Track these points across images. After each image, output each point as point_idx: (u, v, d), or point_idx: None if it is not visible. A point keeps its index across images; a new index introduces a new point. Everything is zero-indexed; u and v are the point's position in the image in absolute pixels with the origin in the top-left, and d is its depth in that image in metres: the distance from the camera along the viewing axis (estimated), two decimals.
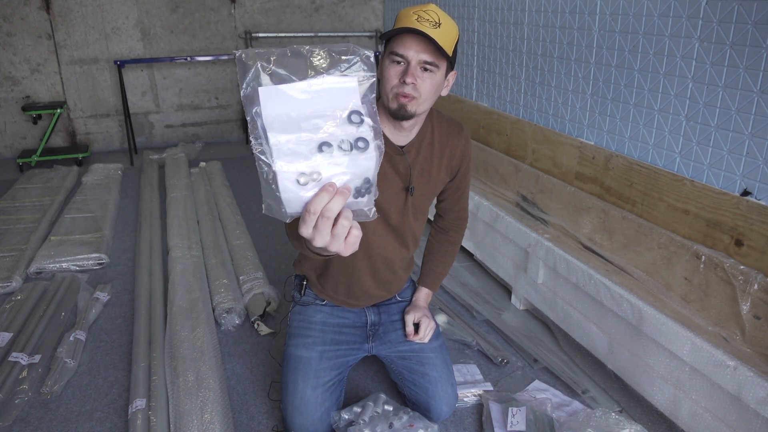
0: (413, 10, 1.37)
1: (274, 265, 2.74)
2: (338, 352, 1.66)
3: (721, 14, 1.93)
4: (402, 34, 1.36)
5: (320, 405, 1.56)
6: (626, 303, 1.80)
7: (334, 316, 1.71)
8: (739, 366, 1.46)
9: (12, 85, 4.47)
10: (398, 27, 1.36)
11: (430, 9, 1.37)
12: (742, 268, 1.77)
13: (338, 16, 5.12)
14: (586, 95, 2.63)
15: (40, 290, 2.47)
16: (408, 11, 1.38)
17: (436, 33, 1.34)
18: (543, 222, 2.51)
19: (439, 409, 1.65)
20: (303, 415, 1.55)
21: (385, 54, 1.40)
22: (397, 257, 1.65)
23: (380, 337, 1.73)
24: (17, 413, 1.78)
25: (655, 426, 1.74)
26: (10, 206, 3.43)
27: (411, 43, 1.35)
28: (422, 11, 1.36)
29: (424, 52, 1.35)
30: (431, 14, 1.35)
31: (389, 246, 1.61)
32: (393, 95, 1.39)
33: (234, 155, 4.75)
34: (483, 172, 3.17)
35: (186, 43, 4.82)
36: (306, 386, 1.57)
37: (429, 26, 1.34)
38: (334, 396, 1.61)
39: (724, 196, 1.93)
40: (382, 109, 1.45)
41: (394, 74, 1.38)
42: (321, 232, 0.73)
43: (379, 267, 1.64)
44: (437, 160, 1.58)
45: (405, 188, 1.55)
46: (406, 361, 1.70)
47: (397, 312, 1.77)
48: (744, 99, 1.89)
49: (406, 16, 1.37)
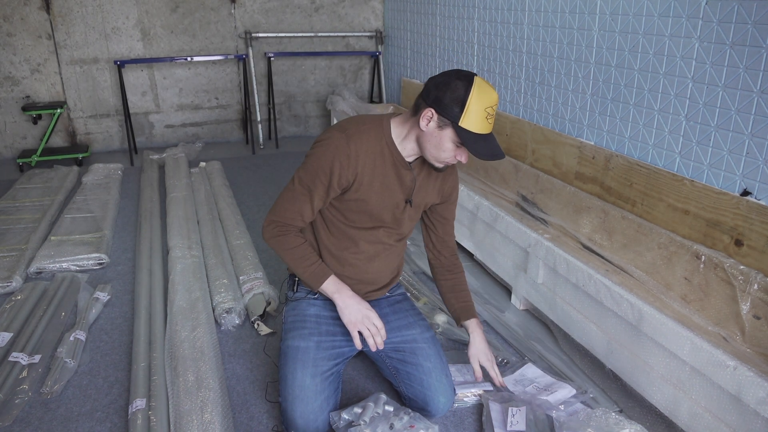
0: (486, 106, 1.46)
1: (274, 265, 2.74)
2: (334, 342, 1.69)
3: (721, 14, 1.93)
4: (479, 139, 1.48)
5: (320, 393, 1.58)
6: (626, 303, 1.80)
7: (327, 309, 1.76)
8: (739, 366, 1.46)
9: (12, 85, 4.47)
10: (478, 131, 1.47)
11: (495, 102, 1.48)
12: (742, 268, 1.77)
13: (338, 16, 5.12)
14: (586, 95, 2.63)
15: (40, 290, 2.47)
16: (482, 107, 1.46)
17: (493, 125, 1.52)
18: (543, 222, 2.51)
19: (437, 400, 1.66)
20: (303, 402, 1.56)
21: (451, 128, 1.48)
22: (385, 254, 1.76)
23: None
24: (17, 413, 1.78)
25: (655, 426, 1.74)
26: (10, 206, 3.43)
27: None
28: (491, 108, 1.47)
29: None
30: (495, 107, 1.49)
31: (379, 245, 1.73)
32: (443, 163, 1.57)
33: (234, 155, 4.75)
34: (483, 172, 3.17)
35: (186, 43, 4.82)
36: (305, 374, 1.59)
37: (491, 123, 1.50)
38: (332, 386, 1.63)
39: (724, 196, 1.93)
40: (411, 132, 1.57)
41: (451, 150, 1.52)
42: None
43: (369, 265, 1.74)
44: (434, 180, 1.71)
45: (406, 200, 1.67)
46: (399, 353, 1.72)
47: (387, 306, 1.83)
48: (744, 99, 1.89)
49: (480, 113, 1.46)
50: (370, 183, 1.59)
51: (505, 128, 3.22)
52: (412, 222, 1.76)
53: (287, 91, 5.24)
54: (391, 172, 1.61)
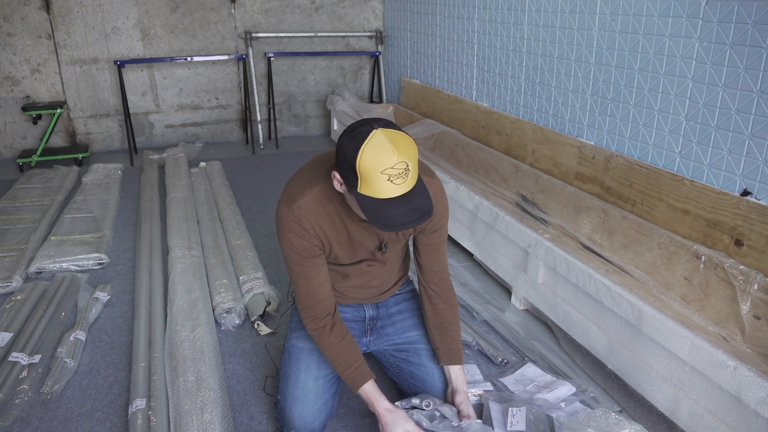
0: (381, 169, 1.23)
1: (274, 265, 2.74)
2: None
3: (721, 14, 1.93)
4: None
5: (320, 396, 1.59)
6: (626, 303, 1.80)
7: None
8: (739, 366, 1.46)
9: (12, 85, 4.47)
10: (383, 197, 1.25)
11: (393, 164, 1.23)
12: (742, 268, 1.77)
13: (338, 16, 5.12)
14: (586, 95, 2.63)
15: (40, 290, 2.47)
16: (377, 170, 1.23)
17: (409, 182, 1.26)
18: (543, 222, 2.51)
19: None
20: (303, 404, 1.56)
21: (354, 194, 1.29)
22: (385, 269, 1.69)
23: (378, 331, 1.76)
24: (17, 413, 1.78)
25: (655, 426, 1.74)
26: (10, 206, 3.43)
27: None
28: (391, 170, 1.23)
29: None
30: (399, 166, 1.23)
31: (371, 270, 1.65)
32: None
33: (234, 155, 4.75)
34: (483, 172, 3.17)
35: (186, 43, 4.82)
36: (308, 376, 1.59)
37: (401, 182, 1.24)
38: (332, 389, 1.64)
39: (724, 196, 1.93)
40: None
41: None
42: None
43: (369, 281, 1.69)
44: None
45: (378, 247, 1.57)
46: (403, 353, 1.73)
47: (395, 305, 1.80)
48: (744, 99, 1.89)
49: (377, 178, 1.23)
50: (336, 241, 1.51)
51: (505, 128, 3.23)
52: (398, 252, 1.66)
53: (287, 91, 5.24)
54: (352, 228, 1.50)
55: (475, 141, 3.44)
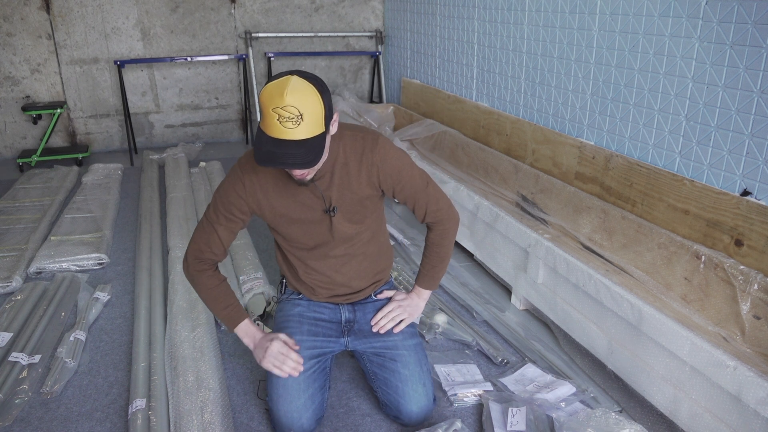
0: (272, 107, 1.29)
1: (274, 265, 2.74)
2: (315, 342, 1.70)
3: (721, 14, 1.93)
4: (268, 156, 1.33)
5: (303, 392, 1.60)
6: (626, 303, 1.80)
7: (311, 311, 1.77)
8: (739, 366, 1.46)
9: (12, 85, 4.47)
10: (269, 135, 1.32)
11: (282, 104, 1.29)
12: (742, 268, 1.77)
13: (338, 16, 5.12)
14: (586, 95, 2.63)
15: (40, 290, 2.47)
16: (268, 107, 1.30)
17: (300, 132, 1.31)
18: (543, 222, 2.51)
19: (408, 409, 1.65)
20: (287, 401, 1.59)
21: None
22: (353, 262, 1.73)
23: (355, 333, 1.77)
24: (17, 413, 1.78)
25: (655, 426, 1.74)
26: (10, 206, 3.43)
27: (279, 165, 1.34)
28: (280, 110, 1.29)
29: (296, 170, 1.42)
30: (290, 109, 1.29)
31: (331, 259, 1.70)
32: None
33: (234, 155, 4.75)
34: (483, 172, 3.17)
35: (186, 43, 4.82)
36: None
37: (292, 126, 1.30)
38: (317, 383, 1.65)
39: (724, 196, 1.93)
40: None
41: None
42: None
43: (335, 274, 1.73)
44: (355, 176, 1.57)
45: (325, 210, 1.60)
46: (379, 358, 1.72)
47: (372, 311, 1.80)
48: (744, 99, 1.89)
49: (269, 114, 1.30)
50: (282, 204, 1.59)
51: (505, 128, 3.23)
52: (355, 225, 1.65)
53: None
54: (297, 190, 1.57)
55: (475, 141, 3.44)
